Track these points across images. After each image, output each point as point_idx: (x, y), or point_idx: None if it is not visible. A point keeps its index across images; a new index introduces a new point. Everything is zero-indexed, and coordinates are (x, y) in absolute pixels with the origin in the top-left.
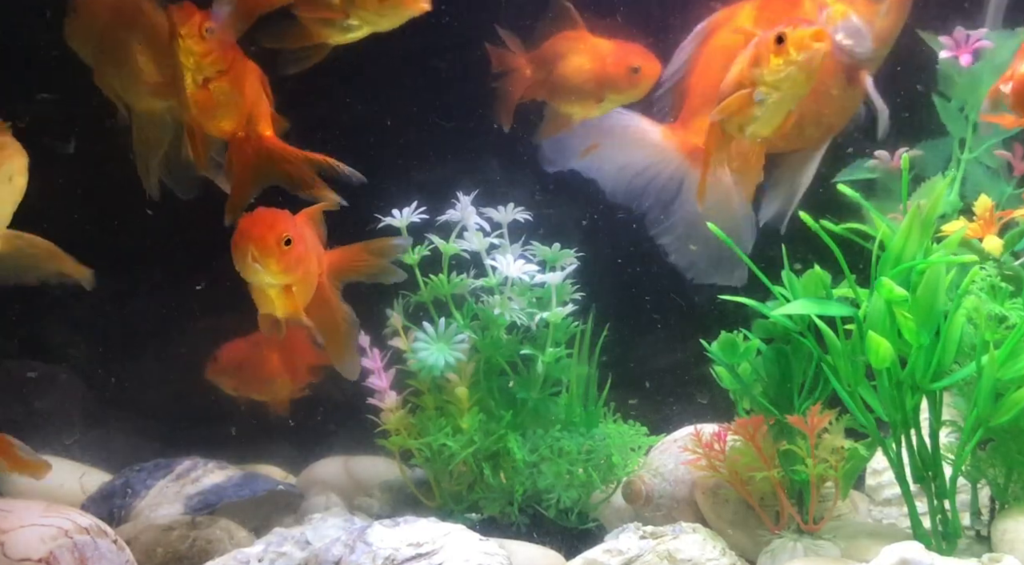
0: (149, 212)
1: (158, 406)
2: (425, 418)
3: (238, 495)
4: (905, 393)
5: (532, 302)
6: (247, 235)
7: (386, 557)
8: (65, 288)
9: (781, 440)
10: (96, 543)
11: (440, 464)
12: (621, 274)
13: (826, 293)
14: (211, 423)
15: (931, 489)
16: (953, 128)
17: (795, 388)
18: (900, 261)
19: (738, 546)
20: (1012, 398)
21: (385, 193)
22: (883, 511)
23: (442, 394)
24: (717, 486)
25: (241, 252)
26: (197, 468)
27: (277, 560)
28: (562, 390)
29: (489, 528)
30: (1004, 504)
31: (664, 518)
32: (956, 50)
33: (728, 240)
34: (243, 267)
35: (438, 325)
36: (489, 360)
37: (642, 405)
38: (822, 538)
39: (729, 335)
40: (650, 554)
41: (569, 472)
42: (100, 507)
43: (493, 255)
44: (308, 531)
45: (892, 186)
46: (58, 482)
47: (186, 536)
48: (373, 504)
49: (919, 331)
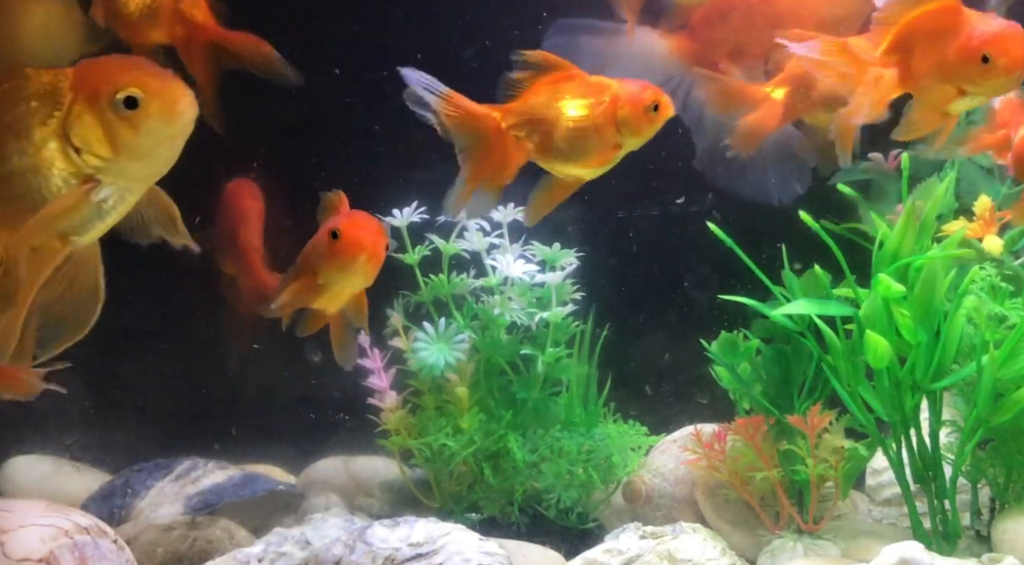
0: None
1: (158, 406)
2: (425, 418)
3: (238, 495)
4: (905, 393)
5: (532, 302)
6: (360, 244)
7: (386, 557)
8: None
9: (781, 440)
10: (96, 543)
11: (440, 464)
12: (621, 274)
13: (826, 293)
14: (211, 423)
15: (931, 489)
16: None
17: (795, 388)
18: (896, 258)
19: (738, 546)
20: (1012, 398)
21: (385, 193)
22: (883, 511)
23: (442, 394)
24: (717, 486)
25: (351, 259)
26: (197, 468)
27: (277, 560)
28: (562, 390)
29: (489, 528)
30: (1004, 504)
31: (664, 518)
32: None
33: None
34: (350, 273)
35: (438, 325)
36: (489, 360)
37: (642, 405)
38: (822, 538)
39: (729, 335)
40: (650, 554)
41: (569, 472)
42: (100, 507)
43: (493, 255)
44: (308, 531)
45: (887, 187)
46: (58, 482)
47: (186, 536)
48: (373, 504)
49: (917, 329)
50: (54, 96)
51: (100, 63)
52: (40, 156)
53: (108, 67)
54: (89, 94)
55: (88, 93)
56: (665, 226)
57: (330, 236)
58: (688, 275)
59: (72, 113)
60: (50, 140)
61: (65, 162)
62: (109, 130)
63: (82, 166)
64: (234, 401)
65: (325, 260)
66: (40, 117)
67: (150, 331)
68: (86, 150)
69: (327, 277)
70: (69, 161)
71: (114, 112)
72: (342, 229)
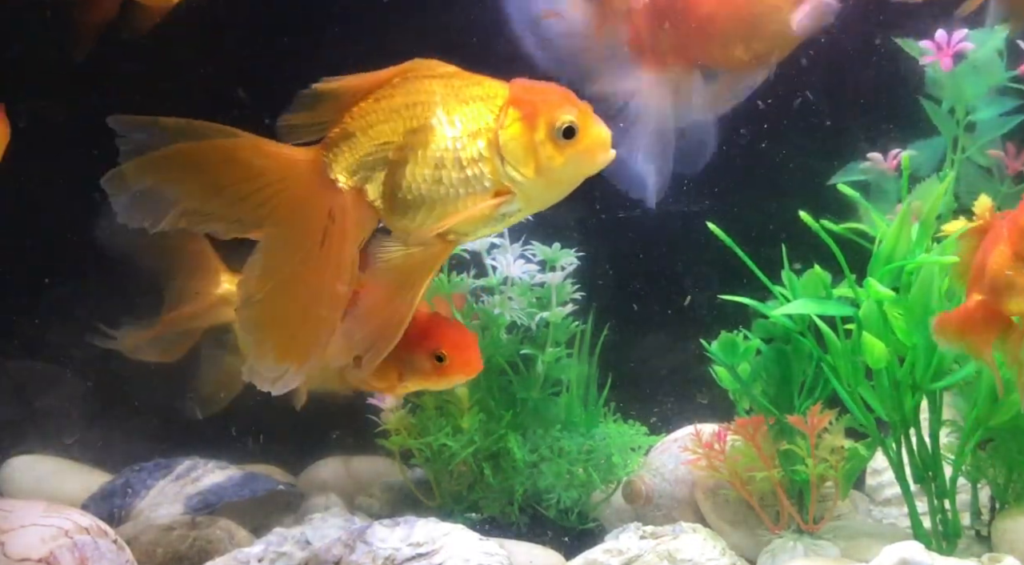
0: None
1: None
2: (425, 418)
3: (238, 495)
4: (905, 393)
5: (532, 302)
6: (469, 367)
7: (386, 557)
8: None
9: (781, 440)
10: (96, 543)
11: (440, 464)
12: (621, 273)
13: (826, 293)
14: (211, 423)
15: (931, 489)
16: (945, 129)
17: (795, 388)
18: (891, 260)
19: (738, 546)
20: (1012, 398)
21: None
22: (883, 511)
23: (442, 394)
24: (717, 486)
25: (453, 380)
26: (197, 468)
27: (277, 560)
28: (562, 390)
29: (489, 528)
30: (1004, 504)
31: (664, 518)
32: (938, 54)
33: None
34: (447, 386)
35: None
36: (489, 360)
37: (642, 405)
38: (822, 538)
39: (729, 335)
40: (650, 554)
41: (569, 472)
42: (100, 507)
43: (493, 255)
44: (308, 531)
45: (886, 187)
46: (58, 482)
47: (186, 536)
48: (373, 504)
49: (911, 330)
50: (491, 104)
51: (539, 86)
52: (471, 159)
53: (550, 92)
54: (529, 112)
55: (529, 111)
56: (665, 225)
57: (433, 358)
58: (688, 275)
59: (508, 127)
60: (485, 146)
61: (490, 170)
62: (538, 152)
63: (502, 177)
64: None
65: (423, 377)
66: (479, 121)
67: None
68: (512, 164)
69: (420, 385)
70: (493, 170)
71: (550, 137)
72: (448, 354)
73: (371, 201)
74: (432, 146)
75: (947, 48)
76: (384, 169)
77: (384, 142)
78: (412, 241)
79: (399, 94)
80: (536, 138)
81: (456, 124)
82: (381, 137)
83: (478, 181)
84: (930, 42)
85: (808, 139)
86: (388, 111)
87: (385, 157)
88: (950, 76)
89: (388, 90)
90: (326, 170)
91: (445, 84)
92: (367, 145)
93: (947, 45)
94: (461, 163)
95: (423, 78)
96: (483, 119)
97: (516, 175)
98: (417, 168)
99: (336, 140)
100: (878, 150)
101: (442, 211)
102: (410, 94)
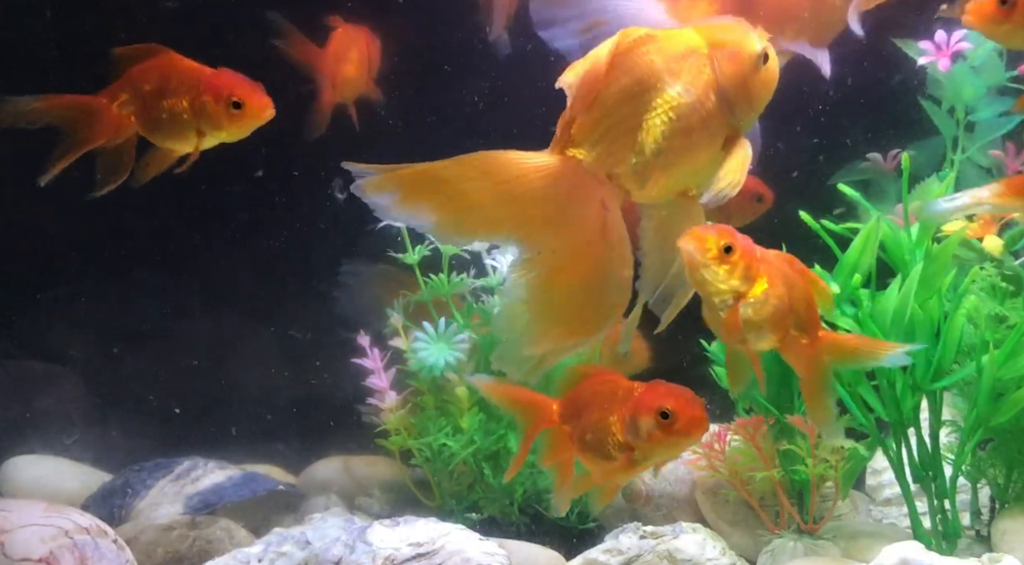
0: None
1: (158, 406)
2: (425, 418)
3: (238, 495)
4: (905, 393)
5: None
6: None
7: (386, 557)
8: None
9: (781, 440)
10: (96, 543)
11: (440, 464)
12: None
13: None
14: (211, 423)
15: (931, 489)
16: (945, 129)
17: (795, 388)
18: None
19: (738, 546)
20: (1012, 398)
21: None
22: (883, 511)
23: (442, 394)
24: (717, 486)
25: (684, 440)
26: (197, 468)
27: (277, 560)
28: None
29: (489, 528)
30: (1004, 504)
31: (664, 518)
32: (937, 54)
33: None
34: (676, 450)
35: (438, 325)
36: (489, 360)
37: None
38: (822, 538)
39: None
40: (650, 554)
41: None
42: (100, 507)
43: (493, 255)
44: (308, 531)
45: (886, 187)
46: (58, 482)
47: (186, 536)
48: (373, 504)
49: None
50: (700, 55)
51: (735, 22)
52: (708, 111)
53: (744, 26)
54: (734, 52)
55: (733, 51)
56: None
57: (658, 415)
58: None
59: (726, 70)
60: (711, 93)
61: (722, 116)
62: (751, 86)
63: (731, 120)
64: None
65: (648, 439)
66: (701, 74)
67: (149, 331)
68: (737, 104)
69: (646, 454)
70: (722, 116)
71: (755, 67)
72: (675, 411)
73: (621, 182)
74: (672, 114)
75: (946, 48)
76: (631, 149)
77: (624, 124)
78: (659, 209)
79: (621, 74)
80: (745, 72)
81: (687, 86)
82: (621, 121)
83: (719, 130)
84: (929, 42)
85: (808, 139)
86: (619, 93)
87: (632, 139)
88: (950, 75)
89: (610, 73)
90: (581, 165)
91: (657, 50)
92: (612, 132)
93: (946, 45)
94: (702, 119)
95: (637, 51)
96: (703, 71)
97: (741, 113)
98: (664, 140)
99: (580, 133)
100: (878, 150)
101: (688, 169)
102: (631, 71)
